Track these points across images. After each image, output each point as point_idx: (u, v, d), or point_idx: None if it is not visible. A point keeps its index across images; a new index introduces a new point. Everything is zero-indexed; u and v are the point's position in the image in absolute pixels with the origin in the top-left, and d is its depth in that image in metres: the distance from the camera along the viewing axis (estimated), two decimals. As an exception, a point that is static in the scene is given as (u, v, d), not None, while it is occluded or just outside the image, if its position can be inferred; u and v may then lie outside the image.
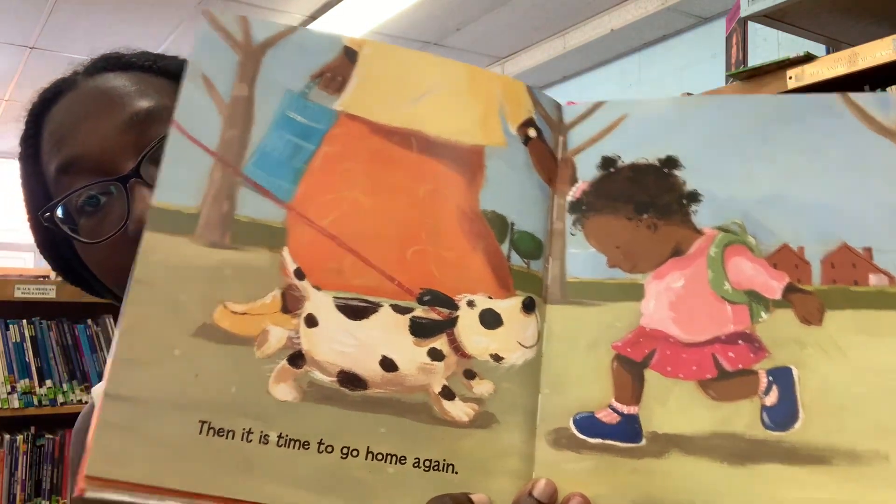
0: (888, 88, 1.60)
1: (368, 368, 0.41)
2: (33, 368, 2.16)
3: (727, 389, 0.43)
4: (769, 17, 1.75)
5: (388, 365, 0.41)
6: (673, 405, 0.43)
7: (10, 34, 4.14)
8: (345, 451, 0.39)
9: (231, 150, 0.43)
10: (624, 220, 0.47)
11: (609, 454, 0.42)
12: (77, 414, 2.28)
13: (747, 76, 1.87)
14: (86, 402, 2.21)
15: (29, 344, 2.17)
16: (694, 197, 0.47)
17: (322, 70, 0.45)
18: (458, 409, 0.41)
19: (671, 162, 0.47)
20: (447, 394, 0.41)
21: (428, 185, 0.45)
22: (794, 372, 0.43)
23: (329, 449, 0.39)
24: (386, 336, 0.41)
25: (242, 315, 0.40)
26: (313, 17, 3.88)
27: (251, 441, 0.38)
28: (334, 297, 0.41)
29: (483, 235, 0.44)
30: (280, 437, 0.39)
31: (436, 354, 0.42)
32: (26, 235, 0.70)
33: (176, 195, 0.42)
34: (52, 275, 2.37)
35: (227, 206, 0.42)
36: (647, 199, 0.47)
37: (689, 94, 2.06)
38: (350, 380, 0.40)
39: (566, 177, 0.48)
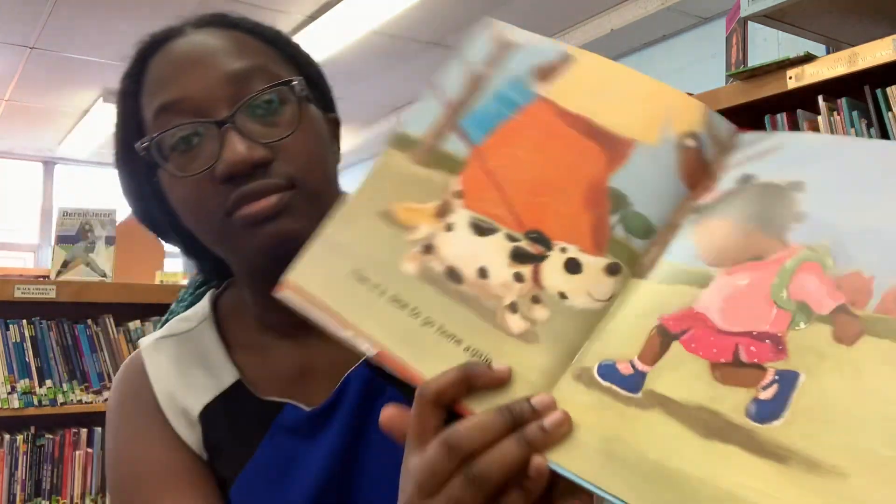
0: (888, 88, 1.60)
1: (468, 270, 0.53)
2: (33, 368, 2.16)
3: (733, 375, 0.46)
4: (769, 17, 1.75)
5: (482, 273, 0.53)
6: (679, 374, 0.47)
7: (10, 34, 4.15)
8: (425, 321, 0.53)
9: (458, 106, 0.60)
10: (729, 224, 0.52)
11: (608, 396, 0.48)
12: (77, 413, 2.31)
13: (747, 76, 1.87)
14: (87, 402, 2.21)
15: (29, 344, 2.17)
16: (799, 217, 0.50)
17: (543, 65, 0.60)
18: (514, 321, 0.52)
19: (796, 185, 0.52)
20: (512, 308, 0.52)
21: (574, 157, 0.56)
22: (801, 378, 0.44)
23: (416, 315, 0.53)
24: (491, 253, 0.54)
25: (410, 211, 0.56)
26: (313, 18, 3.88)
27: (373, 292, 0.54)
28: (471, 216, 0.55)
29: (598, 203, 0.54)
30: (392, 296, 0.54)
31: (518, 277, 0.53)
32: (26, 235, 0.71)
33: (413, 126, 0.59)
34: (53, 275, 2.36)
35: (438, 141, 0.58)
36: (757, 211, 0.52)
37: (689, 94, 2.06)
38: (452, 274, 0.54)
39: (707, 187, 0.55)
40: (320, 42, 4.02)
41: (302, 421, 0.70)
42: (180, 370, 0.73)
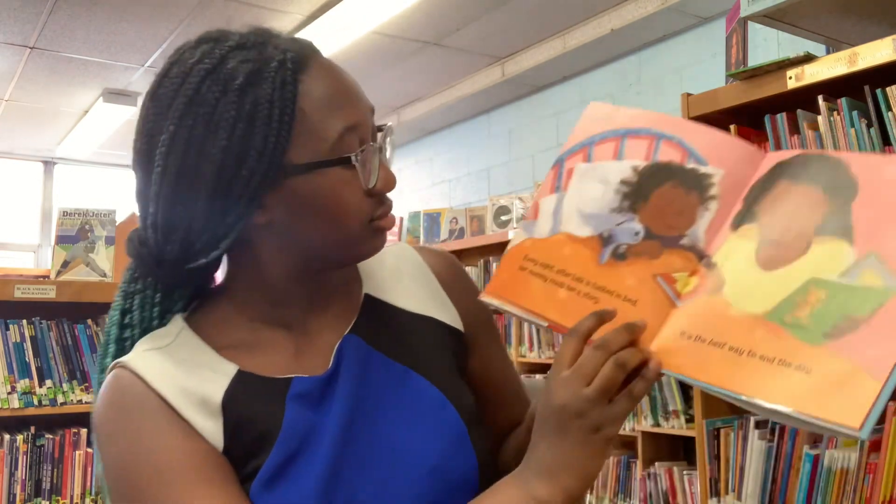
0: (888, 88, 1.60)
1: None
2: (33, 368, 2.16)
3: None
4: (769, 17, 1.75)
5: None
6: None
7: (10, 34, 4.14)
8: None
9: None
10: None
11: None
12: (77, 413, 2.31)
13: (747, 76, 1.87)
14: (87, 402, 2.21)
15: (29, 344, 2.17)
16: None
17: None
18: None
19: None
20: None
21: None
22: None
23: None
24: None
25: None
26: (313, 17, 3.88)
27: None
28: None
29: None
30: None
31: None
32: (26, 235, 0.72)
33: None
34: (53, 275, 2.36)
35: None
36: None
37: (688, 94, 2.06)
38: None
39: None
40: (320, 42, 4.01)
41: (312, 387, 0.79)
42: (184, 369, 0.77)
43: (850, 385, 0.60)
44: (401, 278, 0.91)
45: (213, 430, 0.74)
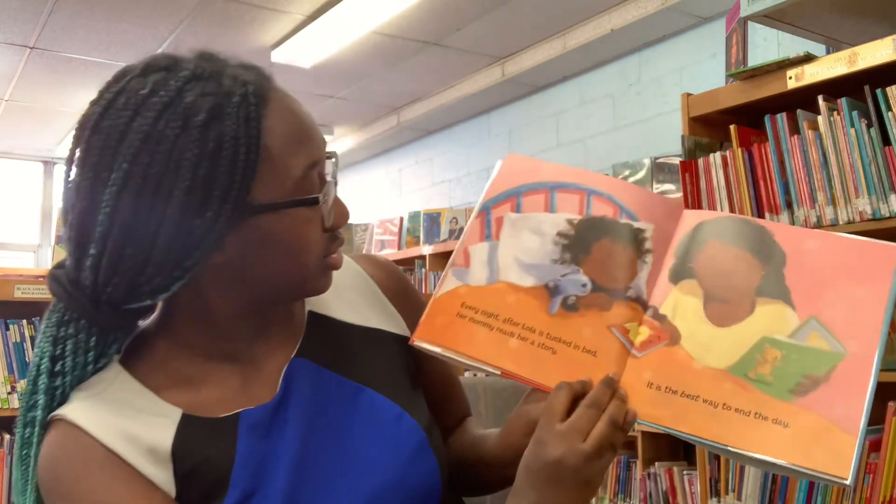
0: (888, 88, 1.60)
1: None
2: (33, 368, 2.16)
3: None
4: (769, 17, 1.75)
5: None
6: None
7: (10, 34, 4.15)
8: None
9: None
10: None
11: None
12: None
13: (747, 76, 1.87)
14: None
15: (29, 344, 2.17)
16: None
17: None
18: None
19: None
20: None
21: None
22: None
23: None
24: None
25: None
26: (313, 17, 3.88)
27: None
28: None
29: None
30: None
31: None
32: (26, 235, 0.71)
33: None
34: (52, 275, 2.36)
35: None
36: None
37: (688, 94, 2.06)
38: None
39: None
40: (320, 42, 4.02)
41: (262, 416, 0.76)
42: (126, 416, 0.73)
43: (827, 439, 0.67)
44: (342, 291, 0.88)
45: (163, 478, 0.72)
